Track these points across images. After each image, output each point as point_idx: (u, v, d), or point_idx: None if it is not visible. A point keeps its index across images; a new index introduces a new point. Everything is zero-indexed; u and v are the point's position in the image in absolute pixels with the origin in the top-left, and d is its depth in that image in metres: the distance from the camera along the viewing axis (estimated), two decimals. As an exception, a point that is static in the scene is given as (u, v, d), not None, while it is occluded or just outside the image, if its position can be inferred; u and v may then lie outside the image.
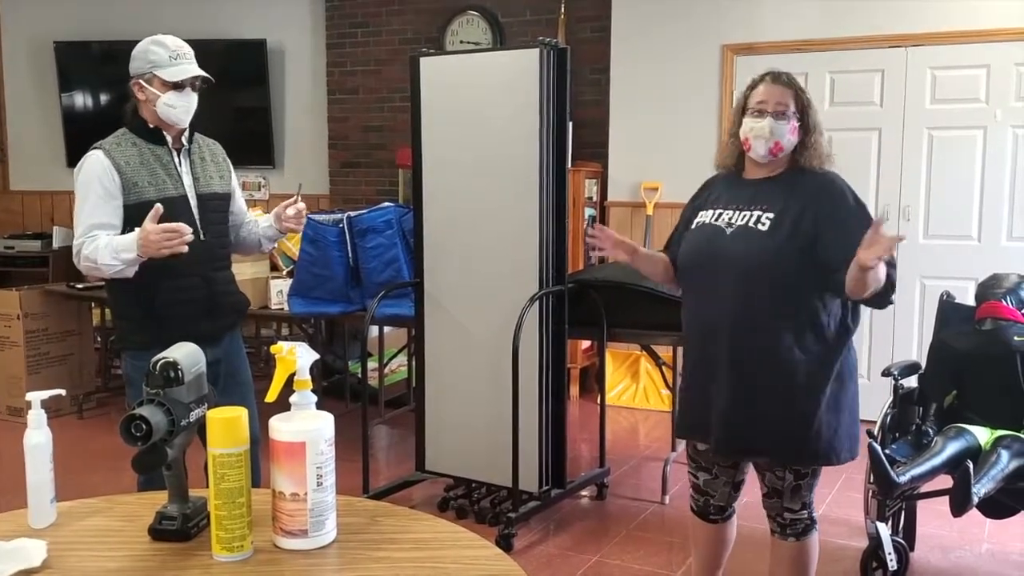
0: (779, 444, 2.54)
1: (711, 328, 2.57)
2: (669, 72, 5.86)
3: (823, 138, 2.56)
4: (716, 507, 2.80)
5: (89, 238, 2.81)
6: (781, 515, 2.64)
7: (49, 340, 5.64)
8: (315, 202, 7.28)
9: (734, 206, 2.58)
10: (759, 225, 2.49)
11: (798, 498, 2.61)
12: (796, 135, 2.52)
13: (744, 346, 2.52)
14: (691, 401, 2.70)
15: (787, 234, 2.46)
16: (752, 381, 2.52)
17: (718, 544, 2.86)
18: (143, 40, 2.91)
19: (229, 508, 1.60)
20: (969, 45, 5.14)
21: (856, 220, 2.44)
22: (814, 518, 2.67)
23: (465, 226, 3.97)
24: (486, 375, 3.95)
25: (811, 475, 2.60)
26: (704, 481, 2.78)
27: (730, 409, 2.55)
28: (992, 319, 3.43)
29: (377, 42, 7.23)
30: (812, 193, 2.50)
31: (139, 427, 1.60)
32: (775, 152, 2.53)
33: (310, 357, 1.73)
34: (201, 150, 3.05)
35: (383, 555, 1.63)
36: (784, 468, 2.58)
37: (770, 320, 2.49)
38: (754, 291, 2.48)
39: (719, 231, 2.56)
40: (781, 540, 2.66)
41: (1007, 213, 5.15)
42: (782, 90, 2.54)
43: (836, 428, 2.54)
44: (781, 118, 2.50)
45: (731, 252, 2.52)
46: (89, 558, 1.63)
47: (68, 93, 7.76)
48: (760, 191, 2.56)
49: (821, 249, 2.45)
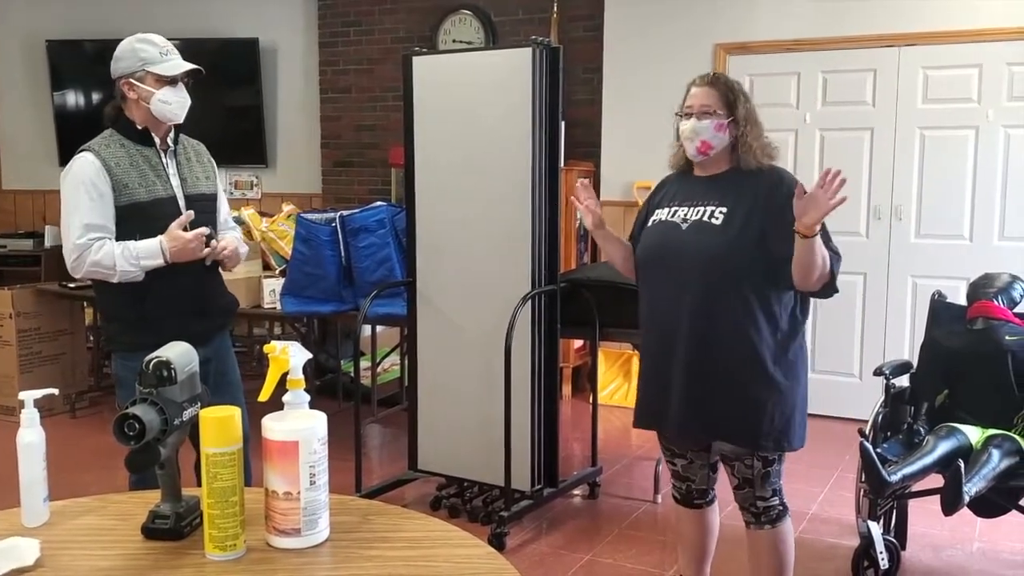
0: (735, 430, 2.63)
1: (669, 320, 2.66)
2: (662, 71, 5.87)
3: (759, 133, 2.63)
4: (698, 491, 2.87)
5: (92, 242, 2.79)
6: (754, 504, 2.70)
7: (41, 339, 5.63)
8: (308, 201, 7.28)
9: (688, 203, 2.67)
10: (713, 220, 2.59)
11: (768, 485, 2.68)
12: (725, 132, 2.61)
13: (700, 336, 2.60)
14: (649, 391, 2.78)
15: (739, 228, 2.55)
16: (708, 369, 2.61)
17: (704, 530, 2.93)
18: (126, 40, 2.90)
19: (222, 507, 1.60)
20: (961, 45, 5.15)
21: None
22: (785, 504, 2.74)
23: (457, 225, 3.98)
24: (478, 374, 3.96)
25: (777, 461, 2.68)
26: (682, 467, 2.86)
27: (687, 397, 2.64)
28: (983, 318, 3.45)
29: (370, 41, 7.23)
30: (759, 188, 2.59)
31: (132, 426, 1.60)
32: (703, 151, 2.63)
33: (303, 356, 1.73)
34: (187, 151, 3.04)
35: (375, 554, 1.64)
36: (751, 456, 2.65)
37: (725, 310, 2.58)
38: (710, 283, 2.57)
39: (675, 226, 2.66)
40: (757, 530, 2.72)
41: (999, 213, 5.17)
42: (707, 91, 2.64)
43: (789, 415, 2.62)
44: (704, 118, 2.61)
45: (687, 246, 2.61)
46: (82, 557, 1.63)
47: (60, 92, 7.74)
48: (711, 187, 2.66)
49: (771, 243, 2.53)
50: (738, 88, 2.65)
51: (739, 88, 2.65)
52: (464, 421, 4.03)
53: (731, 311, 2.57)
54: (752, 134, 2.61)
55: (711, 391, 2.62)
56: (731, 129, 2.61)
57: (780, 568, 2.72)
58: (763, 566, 2.73)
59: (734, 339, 2.58)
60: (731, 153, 2.65)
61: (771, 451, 2.63)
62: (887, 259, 5.40)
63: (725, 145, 2.63)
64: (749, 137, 2.61)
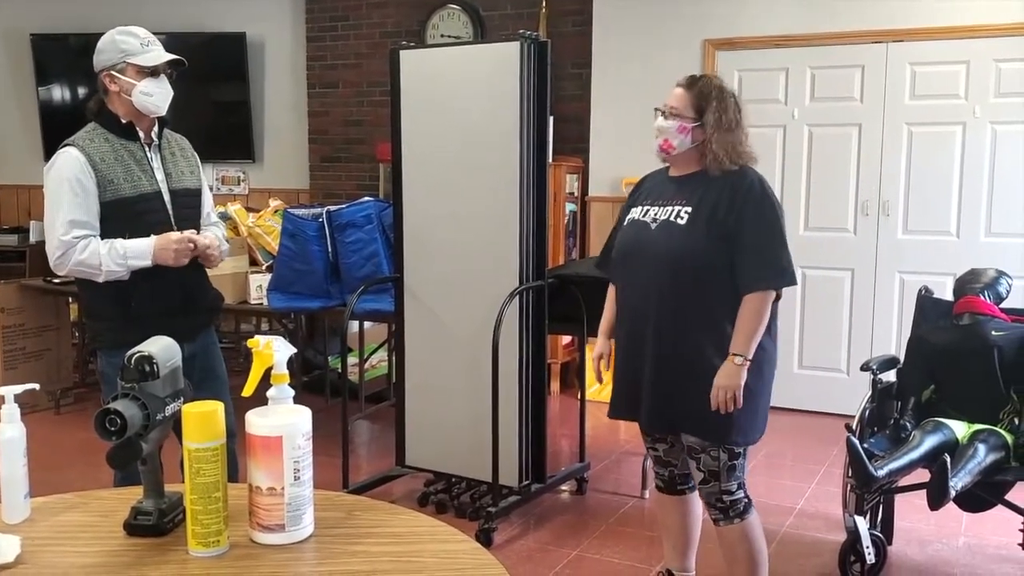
0: (701, 423, 2.68)
1: (638, 315, 2.74)
2: (651, 66, 5.86)
3: (730, 141, 2.66)
4: (681, 476, 2.93)
5: (78, 240, 2.77)
6: (721, 499, 2.74)
7: (26, 335, 5.59)
8: (295, 197, 7.25)
9: (660, 202, 2.75)
10: (678, 219, 2.66)
11: (734, 478, 2.72)
12: (688, 135, 2.68)
13: (666, 330, 2.68)
14: (621, 385, 2.85)
15: (703, 227, 2.62)
16: (675, 363, 2.68)
17: (688, 518, 2.98)
18: (107, 33, 2.88)
19: (205, 503, 1.58)
20: (949, 41, 5.16)
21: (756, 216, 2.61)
22: (749, 497, 2.79)
23: (445, 221, 3.96)
24: (466, 370, 3.94)
25: (742, 455, 2.73)
26: (664, 451, 2.92)
27: (656, 391, 2.71)
28: (970, 314, 3.45)
29: (357, 36, 7.20)
30: (724, 188, 2.64)
31: (113, 421, 1.58)
32: (664, 148, 2.72)
33: (287, 351, 1.71)
34: (171, 145, 3.01)
35: (360, 549, 1.62)
36: (717, 448, 2.69)
37: (689, 307, 2.65)
38: (675, 280, 2.65)
39: (645, 226, 2.74)
40: (728, 525, 2.76)
41: (985, 209, 5.18)
42: (681, 93, 2.72)
43: (754, 409, 2.67)
44: (671, 118, 2.69)
45: (654, 245, 2.69)
46: (63, 554, 1.61)
47: (45, 86, 7.69)
48: (681, 187, 2.73)
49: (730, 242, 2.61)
50: (715, 95, 2.67)
51: (717, 95, 2.67)
52: (452, 417, 4.02)
53: (695, 308, 2.65)
54: (719, 140, 2.64)
55: (678, 385, 2.69)
56: (695, 133, 2.66)
57: (755, 557, 2.77)
58: (739, 559, 2.78)
59: (698, 335, 2.65)
60: (699, 157, 2.70)
61: (737, 444, 2.69)
62: (874, 255, 5.41)
63: (687, 147, 2.69)
64: (714, 144, 2.64)
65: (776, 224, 2.63)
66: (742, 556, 2.77)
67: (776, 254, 2.61)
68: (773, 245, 2.61)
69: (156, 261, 2.82)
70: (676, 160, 2.75)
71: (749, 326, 2.59)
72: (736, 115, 2.68)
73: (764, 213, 2.62)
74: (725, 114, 2.65)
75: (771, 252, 2.61)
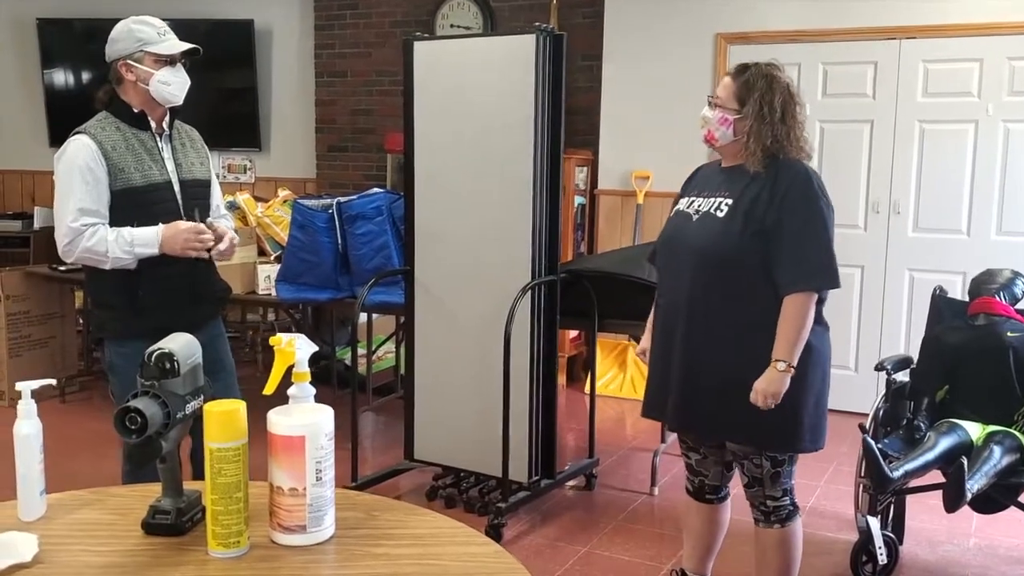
0: (734, 428, 2.60)
1: (672, 310, 2.67)
2: (662, 60, 5.82)
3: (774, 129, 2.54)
4: (711, 486, 2.86)
5: (86, 227, 2.75)
6: (764, 503, 2.68)
7: (31, 323, 5.57)
8: (301, 186, 7.22)
9: (705, 193, 2.67)
10: (718, 212, 2.58)
11: (778, 485, 2.65)
12: (729, 127, 2.59)
13: (697, 327, 2.60)
14: (653, 380, 2.78)
15: (741, 220, 2.53)
16: (704, 364, 2.59)
17: (712, 526, 2.90)
18: (121, 22, 2.85)
19: (226, 503, 1.56)
20: (962, 39, 5.12)
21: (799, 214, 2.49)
22: (796, 504, 2.72)
23: (457, 213, 3.93)
24: (476, 364, 3.92)
25: (787, 462, 2.64)
26: (696, 461, 2.85)
27: (684, 392, 2.63)
28: (985, 315, 3.43)
29: (367, 25, 7.15)
30: (766, 181, 2.54)
31: (134, 420, 1.56)
32: (708, 139, 2.65)
33: (309, 349, 1.69)
34: (181, 136, 3.00)
35: (382, 551, 1.60)
36: (760, 455, 2.62)
37: (722, 302, 2.56)
38: (708, 274, 2.56)
39: (687, 217, 2.66)
40: (766, 528, 2.70)
41: (996, 208, 5.15)
42: (727, 82, 2.63)
43: (795, 415, 2.54)
44: (715, 108, 2.62)
45: (692, 237, 2.61)
46: (81, 553, 1.59)
47: (50, 71, 7.65)
48: (728, 178, 2.64)
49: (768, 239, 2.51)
50: (762, 85, 2.55)
51: (764, 85, 2.55)
52: (461, 411, 4.00)
53: (728, 304, 2.55)
54: (758, 133, 2.53)
55: (707, 387, 2.60)
56: (737, 125, 2.58)
57: (786, 567, 2.70)
58: (769, 564, 2.71)
59: (730, 334, 2.56)
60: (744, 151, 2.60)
61: (778, 451, 2.60)
62: (884, 252, 5.38)
63: (729, 140, 2.60)
64: (752, 137, 2.55)
65: (818, 222, 2.51)
66: (773, 563, 2.70)
67: (816, 253, 2.49)
68: (813, 244, 2.49)
69: (163, 250, 2.80)
70: (723, 151, 2.67)
71: (789, 330, 2.47)
72: (786, 107, 2.55)
73: (806, 209, 2.50)
74: (769, 105, 2.53)
75: (811, 251, 2.49)
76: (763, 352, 2.51)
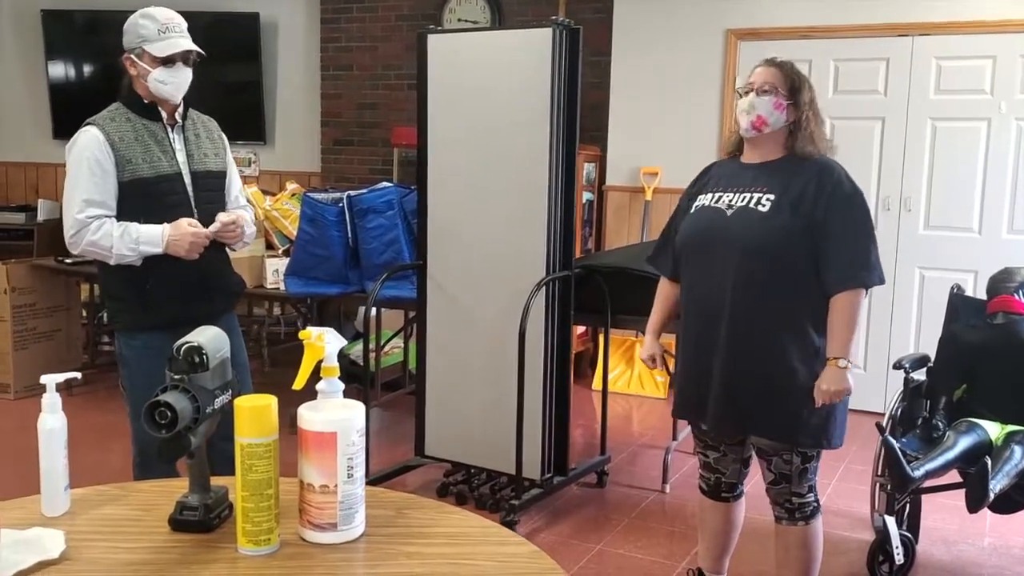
0: (772, 424, 2.58)
1: (710, 309, 2.60)
2: (671, 55, 5.79)
3: (819, 124, 2.57)
4: (727, 484, 2.83)
5: (93, 220, 2.73)
6: (789, 500, 2.65)
7: (36, 315, 5.54)
8: (307, 180, 7.18)
9: (734, 189, 2.61)
10: (759, 207, 2.52)
11: (804, 481, 2.63)
12: (783, 112, 2.55)
13: (742, 326, 2.55)
14: (688, 382, 2.72)
15: (787, 216, 2.49)
16: (747, 361, 2.55)
17: (728, 525, 2.88)
18: (135, 13, 2.82)
19: (256, 500, 1.53)
20: (975, 36, 5.10)
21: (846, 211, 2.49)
22: (819, 501, 2.70)
23: (471, 209, 3.90)
24: (489, 360, 3.89)
25: (815, 458, 2.63)
26: (714, 459, 2.81)
27: (728, 389, 2.58)
28: (1004, 313, 3.40)
29: (373, 18, 7.12)
30: (810, 176, 2.52)
31: (164, 414, 1.53)
32: (758, 126, 2.56)
33: (338, 343, 1.66)
34: (196, 126, 2.97)
35: (414, 550, 1.58)
36: (791, 452, 2.59)
37: (768, 301, 2.51)
38: (754, 271, 2.51)
39: (719, 212, 2.59)
40: (790, 526, 2.67)
41: (1008, 206, 5.13)
42: (772, 71, 2.59)
43: (829, 412, 2.56)
44: (764, 94, 2.55)
45: (731, 233, 2.54)
46: (108, 549, 1.56)
47: (54, 63, 7.60)
48: (760, 174, 2.59)
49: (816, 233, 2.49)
50: (804, 76, 2.60)
51: (805, 76, 2.60)
52: (473, 407, 3.97)
53: (773, 302, 2.51)
54: (811, 120, 2.55)
55: (749, 384, 2.56)
56: (790, 111, 2.55)
57: (808, 565, 2.67)
58: (791, 561, 2.69)
59: (775, 331, 2.52)
60: (785, 140, 2.58)
61: (810, 447, 2.58)
62: (895, 250, 5.35)
63: (781, 125, 2.56)
64: (806, 124, 2.54)
65: (866, 220, 2.53)
66: (794, 562, 2.68)
67: (867, 250, 2.49)
68: (864, 241, 2.49)
69: (168, 251, 2.77)
70: (761, 142, 2.59)
71: (844, 327, 2.47)
72: (814, 99, 2.59)
73: (854, 208, 2.51)
74: (813, 94, 2.57)
75: (862, 248, 2.49)
76: (808, 348, 2.51)
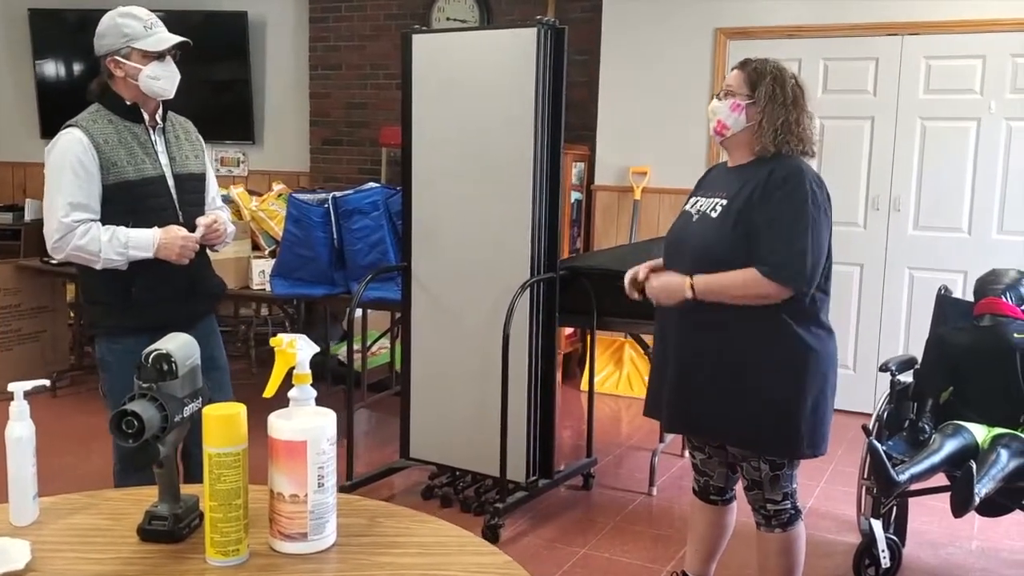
0: (730, 429, 2.58)
1: (667, 312, 2.63)
2: (661, 54, 5.77)
3: (785, 114, 2.48)
4: (716, 488, 2.82)
5: (78, 224, 2.69)
6: (764, 507, 2.64)
7: (21, 316, 5.50)
8: (295, 179, 7.15)
9: (708, 194, 2.64)
10: (712, 212, 2.54)
11: (778, 489, 2.61)
12: (741, 113, 2.52)
13: (688, 328, 2.57)
14: (653, 380, 2.77)
15: (732, 220, 2.49)
16: (695, 365, 2.57)
17: (716, 528, 2.86)
18: (107, 15, 2.77)
19: (225, 510, 1.51)
20: (965, 35, 5.08)
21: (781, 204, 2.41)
22: (798, 508, 2.68)
23: (456, 210, 3.87)
24: (474, 362, 3.87)
25: (787, 466, 2.59)
26: (700, 461, 2.82)
27: (676, 388, 2.61)
28: (991, 315, 3.38)
29: (361, 17, 7.09)
30: (761, 178, 2.48)
31: (130, 423, 1.50)
32: (719, 131, 2.57)
33: (310, 350, 1.63)
34: (175, 128, 2.94)
35: (386, 560, 1.55)
36: (758, 459, 2.58)
37: (713, 305, 2.50)
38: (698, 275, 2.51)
39: (688, 218, 2.64)
40: (767, 532, 2.66)
41: (998, 206, 5.12)
42: (734, 73, 2.59)
43: (790, 420, 2.48)
44: (725, 98, 2.55)
45: (688, 238, 2.59)
46: (75, 560, 1.53)
47: (42, 62, 7.55)
48: (728, 178, 2.60)
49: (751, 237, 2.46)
50: (771, 72, 2.51)
51: (774, 72, 2.52)
52: (458, 409, 3.95)
53: (719, 305, 2.48)
54: (771, 115, 2.47)
55: (698, 389, 2.57)
56: (749, 111, 2.51)
57: (789, 571, 2.65)
58: (772, 567, 2.67)
59: (721, 336, 2.52)
60: (751, 141, 2.54)
61: (778, 456, 2.55)
62: (884, 250, 5.34)
63: (741, 127, 2.53)
64: (764, 119, 2.48)
65: (800, 218, 2.39)
66: (775, 568, 2.66)
67: (789, 249, 2.38)
68: (788, 238, 2.39)
69: (158, 255, 2.75)
70: (731, 144, 2.58)
71: (725, 281, 2.43)
72: (796, 93, 2.50)
73: (791, 207, 2.40)
74: (781, 87, 2.48)
75: (781, 244, 2.39)
76: (750, 354, 2.49)
